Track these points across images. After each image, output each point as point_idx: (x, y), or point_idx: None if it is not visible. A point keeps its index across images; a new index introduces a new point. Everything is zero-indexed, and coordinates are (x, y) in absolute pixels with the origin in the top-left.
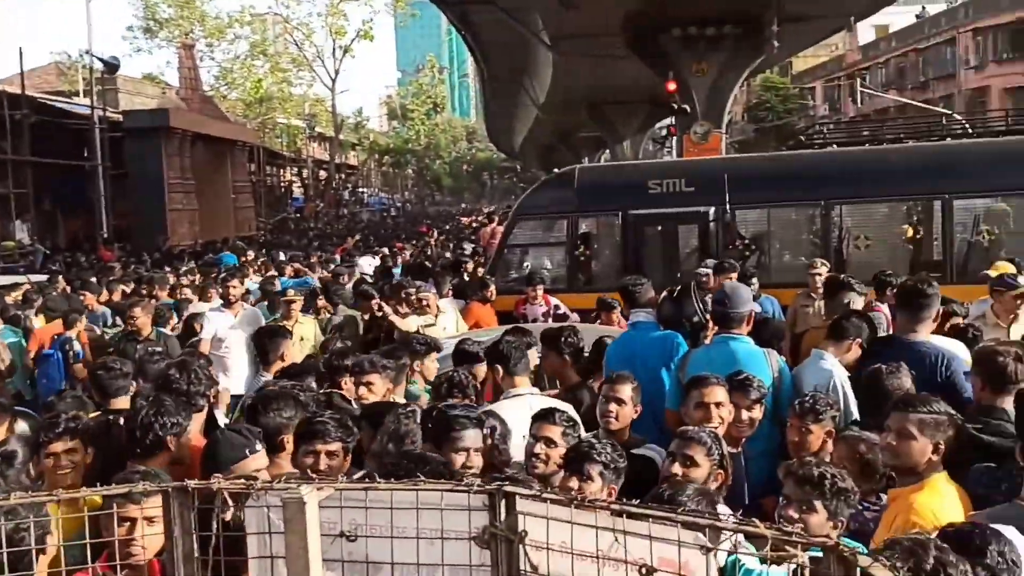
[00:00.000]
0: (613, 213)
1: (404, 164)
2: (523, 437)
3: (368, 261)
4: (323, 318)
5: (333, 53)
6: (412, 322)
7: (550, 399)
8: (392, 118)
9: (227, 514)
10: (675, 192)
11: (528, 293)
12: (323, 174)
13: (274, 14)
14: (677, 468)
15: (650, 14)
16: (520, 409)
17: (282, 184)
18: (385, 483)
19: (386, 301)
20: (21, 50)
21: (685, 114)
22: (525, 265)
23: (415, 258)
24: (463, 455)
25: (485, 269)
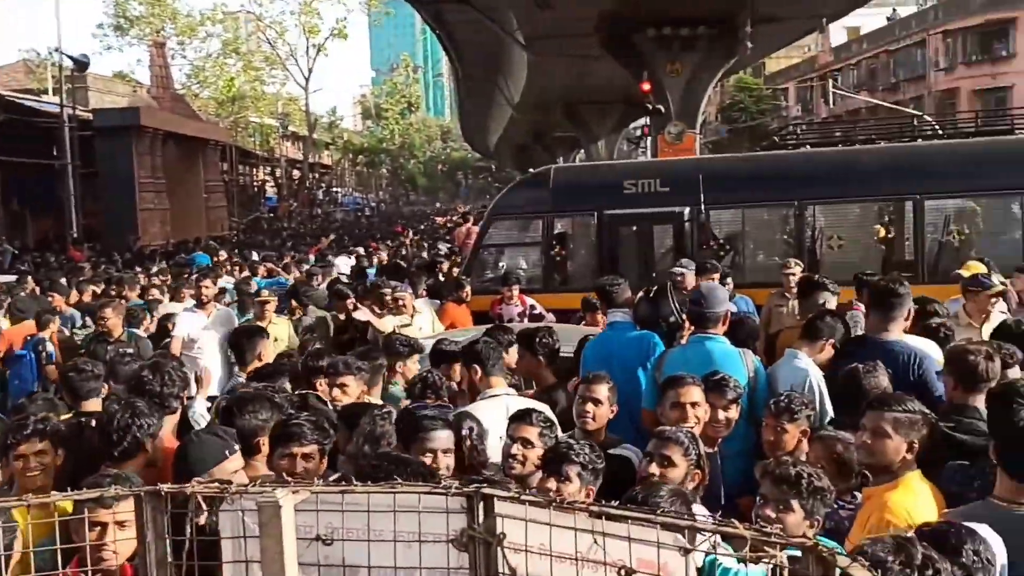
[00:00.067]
0: (588, 213)
1: (378, 164)
2: (500, 438)
3: (345, 261)
4: (295, 319)
5: (306, 52)
6: (388, 322)
7: (527, 400)
8: (366, 117)
9: (201, 518)
10: (650, 192)
11: (504, 293)
12: (296, 174)
13: (246, 12)
14: (654, 468)
15: (625, 14)
16: (496, 410)
17: (255, 184)
18: (362, 486)
19: (360, 301)
20: None
21: (659, 114)
22: (500, 265)
23: (390, 258)
24: (430, 457)
25: (460, 269)
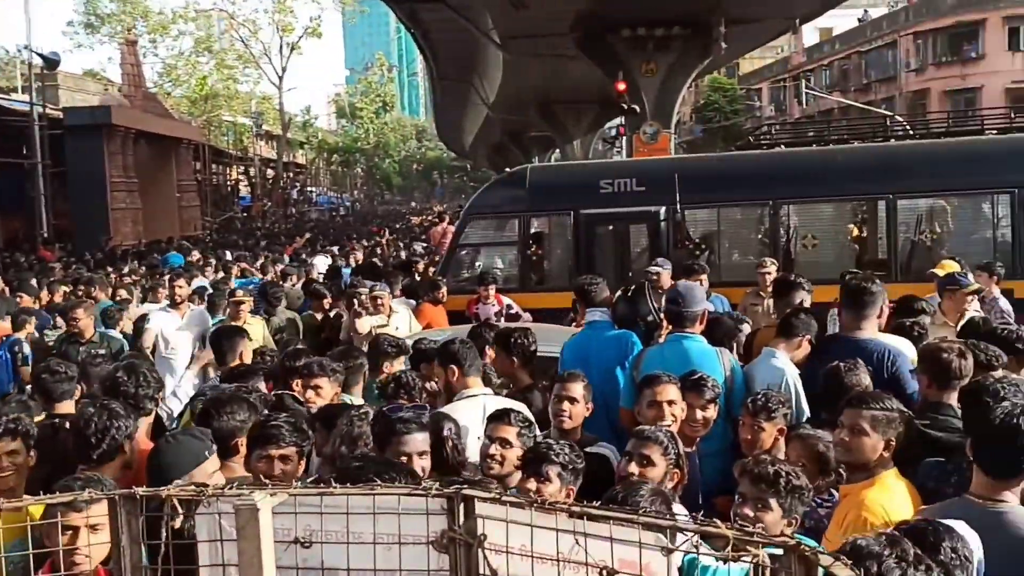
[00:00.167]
0: (565, 212)
1: (353, 163)
2: (478, 438)
3: (323, 260)
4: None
5: (280, 50)
6: (365, 322)
7: (504, 399)
8: (341, 116)
9: (177, 521)
10: (626, 192)
11: (480, 293)
12: (270, 173)
13: (219, 10)
14: (633, 468)
15: (599, 15)
16: (474, 410)
17: (229, 183)
18: (341, 488)
19: (335, 301)
20: None
21: (634, 114)
22: (477, 264)
23: (366, 258)
24: (404, 460)
25: (436, 269)
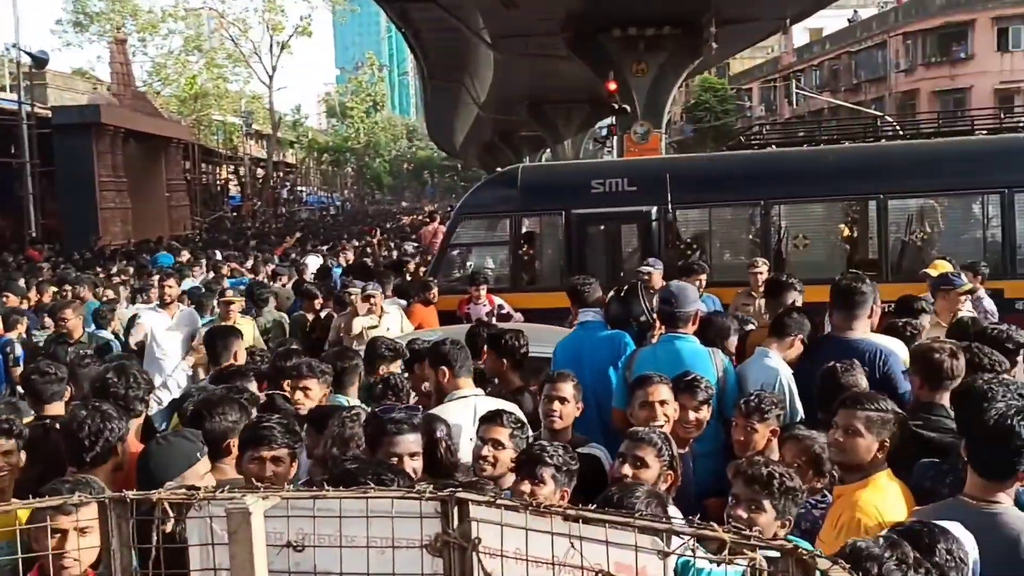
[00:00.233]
0: (556, 212)
1: (343, 162)
2: (470, 440)
3: (315, 260)
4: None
5: (270, 49)
6: (356, 323)
7: (496, 400)
8: (331, 116)
9: (168, 525)
10: (618, 192)
11: (472, 293)
12: (260, 172)
13: (209, 9)
14: (627, 469)
15: (590, 14)
16: (465, 411)
17: (218, 182)
18: (333, 491)
19: (325, 302)
20: None
21: (625, 114)
22: (468, 264)
23: (357, 258)
24: (395, 460)
25: (428, 269)
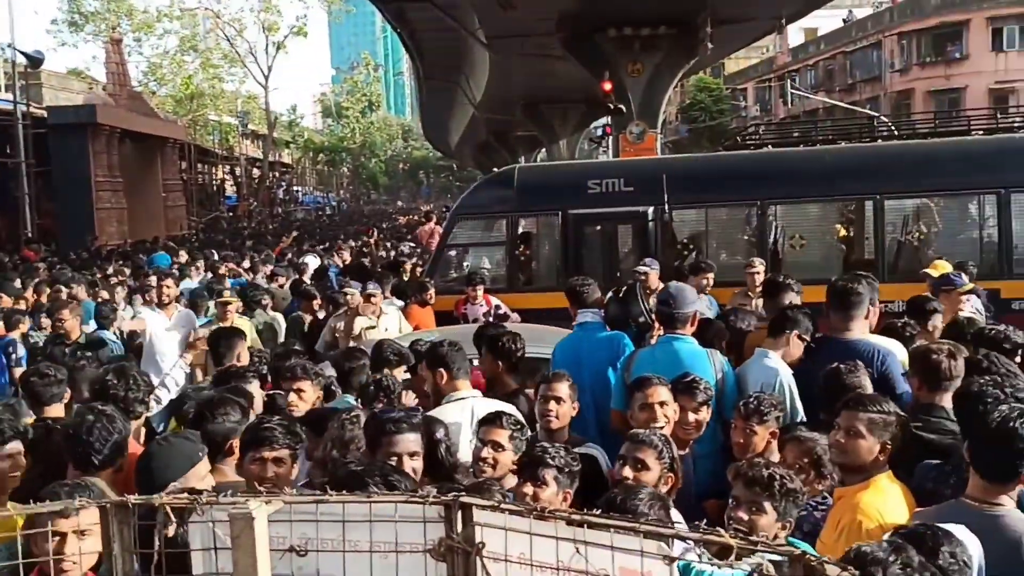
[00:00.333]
0: (553, 213)
1: (339, 162)
2: (469, 442)
3: (314, 261)
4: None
5: (266, 49)
6: (356, 323)
7: (493, 402)
8: (327, 116)
9: (170, 529)
10: (614, 192)
11: (468, 293)
12: (256, 172)
13: (205, 9)
14: (628, 472)
15: (586, 15)
16: (462, 412)
17: (214, 182)
18: (336, 495)
19: (320, 303)
20: None
21: (621, 114)
22: (465, 265)
23: (354, 258)
24: (395, 460)
25: (424, 269)
